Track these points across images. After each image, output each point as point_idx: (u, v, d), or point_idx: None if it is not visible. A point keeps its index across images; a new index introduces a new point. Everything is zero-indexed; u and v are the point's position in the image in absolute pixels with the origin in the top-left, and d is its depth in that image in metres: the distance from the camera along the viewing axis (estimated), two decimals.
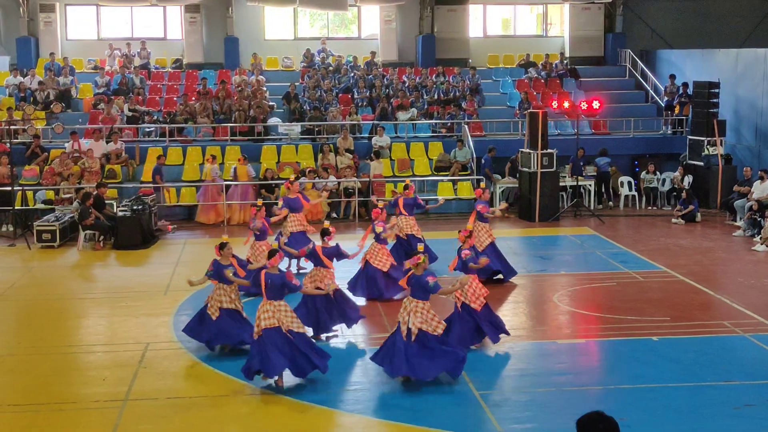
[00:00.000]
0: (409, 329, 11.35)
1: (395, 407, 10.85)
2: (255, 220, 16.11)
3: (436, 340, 11.44)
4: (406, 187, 18.22)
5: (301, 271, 17.39)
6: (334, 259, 13.99)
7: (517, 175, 24.56)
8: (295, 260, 17.69)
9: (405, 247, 17.33)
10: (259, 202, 16.97)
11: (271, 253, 11.74)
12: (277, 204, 18.62)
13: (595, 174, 25.49)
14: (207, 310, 12.87)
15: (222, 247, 12.77)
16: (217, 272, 12.75)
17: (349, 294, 14.95)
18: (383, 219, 16.22)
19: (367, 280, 15.77)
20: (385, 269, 15.82)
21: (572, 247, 20.62)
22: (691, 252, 19.72)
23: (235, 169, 24.08)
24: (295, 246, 15.97)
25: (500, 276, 16.90)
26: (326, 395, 11.32)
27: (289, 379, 11.61)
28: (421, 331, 11.36)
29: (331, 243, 13.94)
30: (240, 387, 11.54)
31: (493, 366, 12.28)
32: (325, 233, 13.94)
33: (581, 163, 24.73)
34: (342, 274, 15.55)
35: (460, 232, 13.33)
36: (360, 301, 15.33)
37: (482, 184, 22.26)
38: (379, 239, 16.02)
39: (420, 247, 12.12)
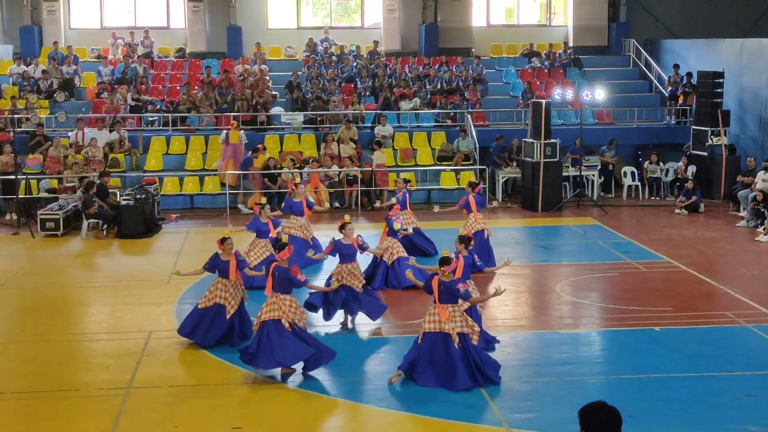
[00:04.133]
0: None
1: (397, 396, 10.87)
2: (257, 220, 15.99)
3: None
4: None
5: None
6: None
7: (516, 164, 24.67)
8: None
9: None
10: (263, 200, 16.91)
11: (281, 247, 11.77)
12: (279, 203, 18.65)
13: (600, 164, 25.56)
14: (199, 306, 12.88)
15: (223, 241, 12.78)
16: (213, 265, 12.78)
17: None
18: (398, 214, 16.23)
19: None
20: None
21: (575, 237, 20.62)
22: (694, 242, 19.72)
23: (227, 133, 24.23)
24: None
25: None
26: (329, 384, 11.34)
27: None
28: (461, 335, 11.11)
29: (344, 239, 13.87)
30: (243, 375, 11.58)
31: (495, 355, 12.28)
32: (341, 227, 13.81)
33: (581, 153, 24.73)
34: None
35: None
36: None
37: (473, 178, 22.26)
38: (395, 235, 16.05)
39: (445, 252, 11.84)
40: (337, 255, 13.70)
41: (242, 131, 24.77)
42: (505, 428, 9.91)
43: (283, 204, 17.93)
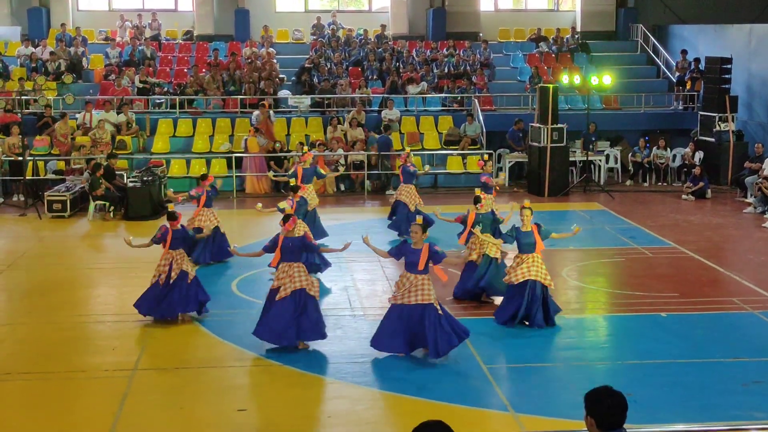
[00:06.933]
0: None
1: (401, 380, 10.89)
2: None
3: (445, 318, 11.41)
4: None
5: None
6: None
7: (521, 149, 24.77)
8: None
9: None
10: (211, 178, 17.03)
11: (286, 218, 11.88)
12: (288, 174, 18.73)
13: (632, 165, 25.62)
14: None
15: (174, 217, 13.27)
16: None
17: None
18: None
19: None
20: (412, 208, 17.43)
21: (581, 223, 20.49)
22: (701, 228, 19.68)
23: (246, 140, 24.15)
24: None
25: None
26: (332, 367, 11.37)
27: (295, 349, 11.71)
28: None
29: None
30: (248, 358, 11.62)
31: (501, 339, 12.31)
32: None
33: (593, 139, 24.69)
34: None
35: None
36: None
37: (485, 157, 22.14)
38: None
39: (419, 219, 11.94)
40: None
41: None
42: (510, 412, 9.92)
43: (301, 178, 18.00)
